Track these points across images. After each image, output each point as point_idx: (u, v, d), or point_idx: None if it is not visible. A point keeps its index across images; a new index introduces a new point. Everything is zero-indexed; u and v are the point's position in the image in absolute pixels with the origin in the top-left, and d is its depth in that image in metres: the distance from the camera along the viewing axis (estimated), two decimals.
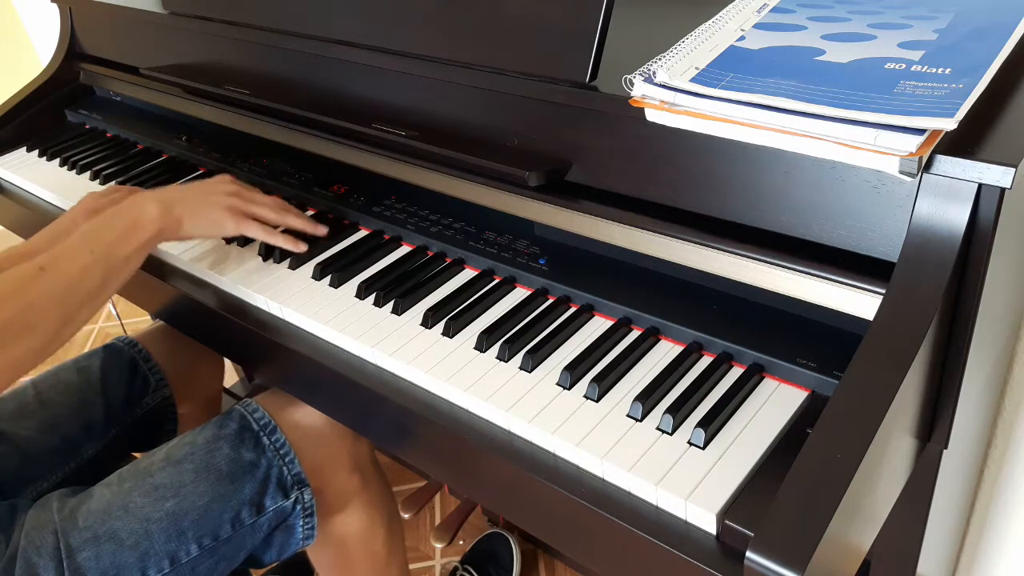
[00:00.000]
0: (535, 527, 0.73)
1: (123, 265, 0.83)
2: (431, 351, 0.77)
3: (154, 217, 0.86)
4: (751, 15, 0.74)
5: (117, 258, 0.83)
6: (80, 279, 0.79)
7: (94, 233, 0.83)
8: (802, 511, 0.50)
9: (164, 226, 0.87)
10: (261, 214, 0.92)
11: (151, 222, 0.86)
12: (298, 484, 0.90)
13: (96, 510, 0.83)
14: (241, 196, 0.92)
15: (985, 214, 0.56)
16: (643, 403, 0.66)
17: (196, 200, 0.90)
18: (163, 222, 0.86)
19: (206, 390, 1.22)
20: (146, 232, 0.85)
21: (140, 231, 0.85)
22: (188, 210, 0.89)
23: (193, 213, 0.89)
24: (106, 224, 0.84)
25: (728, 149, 0.68)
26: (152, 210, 0.86)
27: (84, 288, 0.79)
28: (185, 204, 0.89)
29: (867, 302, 0.62)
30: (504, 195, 0.82)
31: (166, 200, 0.88)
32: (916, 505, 0.74)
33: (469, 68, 0.82)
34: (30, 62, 2.49)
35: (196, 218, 0.89)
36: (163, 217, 0.86)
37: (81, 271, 0.79)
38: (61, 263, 0.79)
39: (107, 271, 0.81)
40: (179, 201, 0.89)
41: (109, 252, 0.82)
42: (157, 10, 1.17)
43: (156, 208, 0.86)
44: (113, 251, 0.82)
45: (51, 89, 1.38)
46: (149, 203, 0.87)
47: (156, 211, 0.86)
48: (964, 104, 0.56)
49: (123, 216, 0.85)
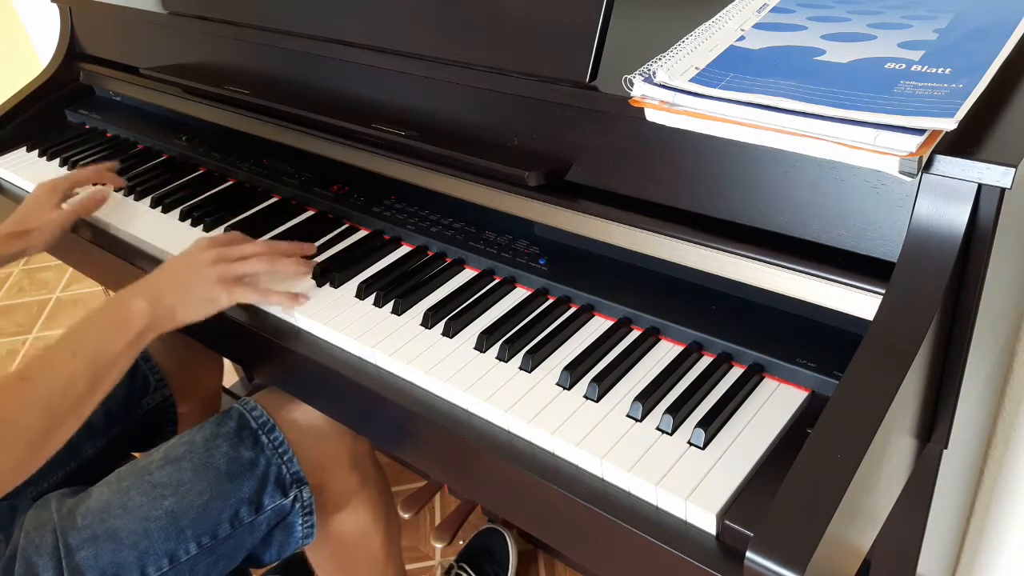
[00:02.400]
0: (535, 527, 0.73)
1: (111, 368, 0.78)
2: (431, 351, 0.77)
3: (142, 312, 0.81)
4: (751, 15, 0.74)
5: (104, 360, 0.78)
6: (65, 387, 0.74)
7: (78, 336, 0.78)
8: (802, 511, 0.50)
9: (154, 319, 0.81)
10: (250, 271, 0.86)
11: (138, 317, 0.80)
12: (297, 483, 0.90)
13: (95, 509, 0.83)
14: (225, 259, 0.86)
15: (985, 214, 0.56)
16: (643, 403, 0.66)
17: (182, 283, 0.84)
18: (152, 315, 0.81)
19: (206, 390, 1.22)
20: (133, 329, 0.80)
21: (127, 328, 0.80)
22: (177, 297, 0.83)
23: (183, 299, 0.83)
24: (90, 325, 0.80)
25: (728, 149, 0.68)
26: (138, 305, 0.81)
27: (70, 396, 0.75)
28: (174, 291, 0.83)
29: (867, 302, 0.62)
30: (504, 195, 0.82)
31: (153, 291, 0.83)
32: (916, 505, 0.74)
33: (469, 68, 0.82)
34: (30, 62, 2.49)
35: (187, 303, 0.84)
36: (152, 310, 0.81)
37: (66, 378, 0.75)
38: (43, 372, 0.74)
39: (94, 375, 0.77)
40: (167, 289, 0.83)
41: (95, 354, 0.77)
42: (157, 10, 1.17)
43: (142, 303, 0.81)
44: (99, 353, 0.77)
45: (51, 89, 1.38)
46: (135, 298, 0.82)
47: (143, 305, 0.81)
48: (964, 104, 0.56)
49: (108, 315, 0.81)
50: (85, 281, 2.48)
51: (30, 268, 2.62)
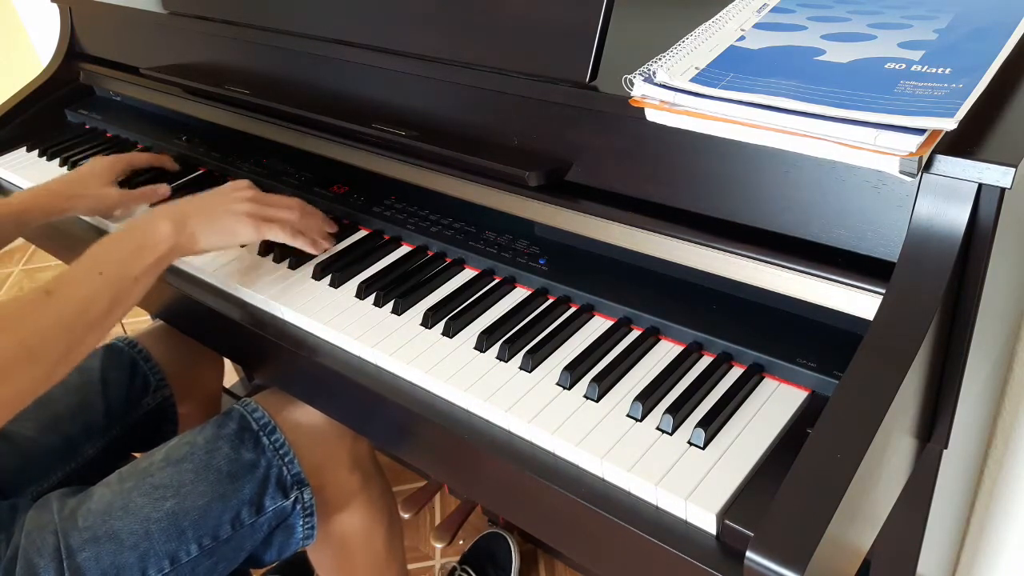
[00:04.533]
0: (535, 527, 0.73)
1: (132, 287, 0.80)
2: (431, 351, 0.77)
3: (167, 235, 0.83)
4: (751, 15, 0.74)
5: (127, 279, 0.79)
6: (88, 303, 0.76)
7: (103, 254, 0.80)
8: (802, 511, 0.50)
9: (177, 243, 0.83)
10: (281, 216, 0.89)
11: (163, 240, 0.82)
12: (298, 484, 0.90)
13: (96, 510, 0.83)
14: (258, 201, 0.89)
15: (985, 214, 0.56)
16: (643, 403, 0.66)
17: (211, 211, 0.87)
18: (176, 239, 0.83)
19: (206, 390, 1.22)
20: (157, 251, 0.82)
21: (151, 250, 0.82)
22: (202, 223, 0.85)
23: (208, 225, 0.86)
24: (115, 244, 0.81)
25: (728, 149, 0.68)
26: (164, 228, 0.83)
27: (91, 313, 0.76)
28: (199, 217, 0.86)
29: (867, 302, 0.62)
30: (504, 195, 0.82)
31: (179, 215, 0.85)
32: (916, 505, 0.74)
33: (469, 68, 0.82)
34: (30, 62, 2.49)
35: (211, 230, 0.86)
36: (176, 234, 0.83)
37: (89, 295, 0.77)
38: (68, 287, 0.76)
39: (116, 294, 0.78)
40: (192, 215, 0.86)
41: (119, 273, 0.79)
42: (157, 10, 1.17)
43: (168, 225, 0.83)
44: (123, 272, 0.79)
45: (51, 89, 1.38)
46: (161, 220, 0.84)
47: (168, 228, 0.83)
48: (964, 104, 0.56)
49: (133, 235, 0.82)
50: None
51: (30, 268, 2.62)
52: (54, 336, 0.74)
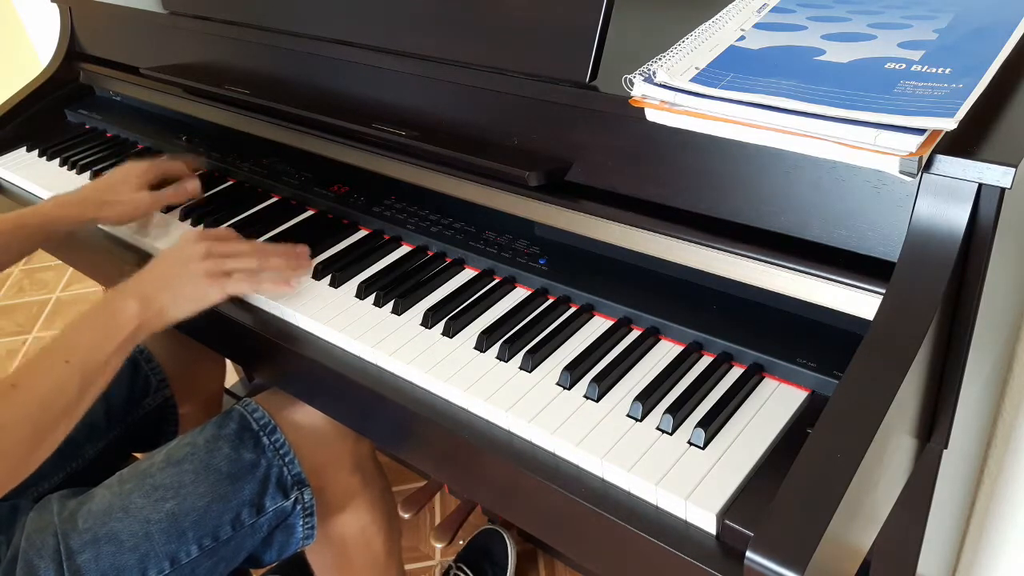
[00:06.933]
0: (535, 527, 0.73)
1: (102, 370, 0.78)
2: (431, 351, 0.77)
3: (133, 314, 0.80)
4: (751, 15, 0.74)
5: (95, 363, 0.77)
6: (55, 393, 0.74)
7: (69, 340, 0.77)
8: (802, 511, 0.50)
9: (144, 320, 0.80)
10: (240, 267, 0.85)
11: (130, 320, 0.79)
12: (298, 484, 0.90)
13: (96, 511, 0.83)
14: (215, 254, 0.85)
15: (985, 214, 0.56)
16: (643, 403, 0.66)
17: (171, 280, 0.83)
18: (143, 316, 0.80)
19: (207, 390, 1.22)
20: (124, 331, 0.79)
21: (118, 331, 0.79)
22: (168, 296, 0.82)
23: (173, 298, 0.82)
24: (81, 329, 0.79)
25: (728, 149, 0.68)
26: (131, 307, 0.80)
27: (60, 402, 0.74)
28: (163, 291, 0.82)
29: (867, 302, 0.62)
30: (504, 195, 0.82)
31: (141, 292, 0.82)
32: (916, 505, 0.74)
33: (469, 68, 0.82)
34: (30, 62, 2.49)
35: (177, 302, 0.83)
36: (143, 311, 0.80)
37: (56, 384, 0.74)
38: (33, 378, 0.74)
39: (84, 379, 0.76)
40: (156, 289, 0.82)
41: (86, 359, 0.76)
42: (157, 10, 1.17)
43: (134, 304, 0.80)
44: (90, 357, 0.77)
45: (51, 89, 1.38)
46: (126, 299, 0.80)
47: (135, 307, 0.80)
48: (964, 104, 0.56)
49: (99, 318, 0.79)
50: (85, 281, 2.48)
51: (30, 268, 2.62)
52: (19, 431, 0.72)
